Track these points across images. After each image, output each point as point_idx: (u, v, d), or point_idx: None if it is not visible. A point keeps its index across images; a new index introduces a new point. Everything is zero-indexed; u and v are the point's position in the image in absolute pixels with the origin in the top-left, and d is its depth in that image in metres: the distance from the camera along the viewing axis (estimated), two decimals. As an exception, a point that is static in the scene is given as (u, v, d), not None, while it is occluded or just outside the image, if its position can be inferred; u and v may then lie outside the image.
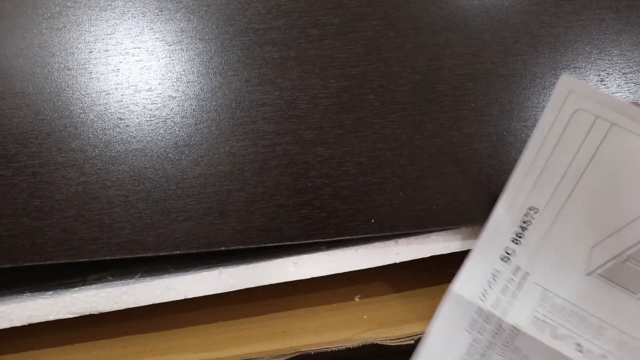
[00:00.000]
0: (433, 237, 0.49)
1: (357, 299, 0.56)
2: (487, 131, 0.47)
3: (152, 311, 0.50)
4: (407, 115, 0.46)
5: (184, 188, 0.44)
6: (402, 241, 0.49)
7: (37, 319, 0.46)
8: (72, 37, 0.43)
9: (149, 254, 0.43)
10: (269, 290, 0.50)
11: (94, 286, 0.49)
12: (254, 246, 0.44)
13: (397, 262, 0.48)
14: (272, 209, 0.44)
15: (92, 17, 0.43)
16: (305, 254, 0.49)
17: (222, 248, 0.44)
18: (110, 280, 0.51)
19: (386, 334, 0.50)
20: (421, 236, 0.49)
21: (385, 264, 0.49)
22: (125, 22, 0.43)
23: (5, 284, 0.54)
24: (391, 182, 0.46)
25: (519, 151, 0.47)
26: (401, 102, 0.46)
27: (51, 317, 0.46)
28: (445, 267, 0.57)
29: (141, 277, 0.50)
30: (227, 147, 0.44)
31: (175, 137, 0.44)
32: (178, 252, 0.43)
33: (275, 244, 0.44)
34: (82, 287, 0.48)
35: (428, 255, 0.49)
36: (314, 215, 0.45)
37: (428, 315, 0.50)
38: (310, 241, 0.45)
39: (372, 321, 0.53)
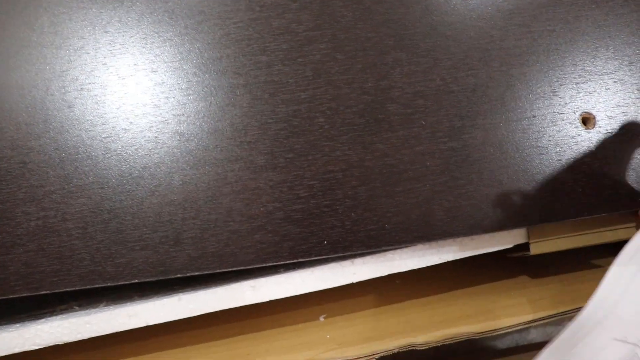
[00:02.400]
0: (389, 255, 0.59)
1: (322, 319, 0.66)
2: (438, 148, 0.58)
3: (117, 339, 0.60)
4: (357, 136, 0.56)
5: (140, 218, 0.55)
6: (359, 261, 0.58)
7: (3, 352, 0.56)
8: (29, 76, 0.55)
9: (108, 284, 0.54)
10: (233, 312, 0.60)
11: (58, 317, 0.59)
12: (210, 272, 0.55)
13: (355, 281, 0.60)
14: (226, 234, 0.55)
15: (48, 56, 0.55)
16: (263, 277, 0.58)
17: (179, 275, 0.55)
18: (76, 310, 0.62)
19: (348, 353, 0.59)
20: (377, 255, 0.59)
21: (342, 284, 0.59)
22: (80, 59, 0.55)
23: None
24: (342, 204, 0.56)
25: (471, 165, 0.58)
26: (351, 124, 0.56)
27: (17, 350, 0.56)
28: (410, 283, 0.68)
29: (106, 305, 0.60)
30: (181, 176, 0.55)
31: (131, 169, 0.54)
32: (136, 280, 0.54)
33: (230, 269, 0.56)
34: (48, 319, 0.59)
35: (385, 274, 0.59)
36: (267, 240, 0.55)
37: (393, 333, 0.60)
38: (264, 265, 0.56)
39: (335, 340, 0.62)
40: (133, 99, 0.54)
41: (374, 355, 0.58)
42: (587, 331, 0.54)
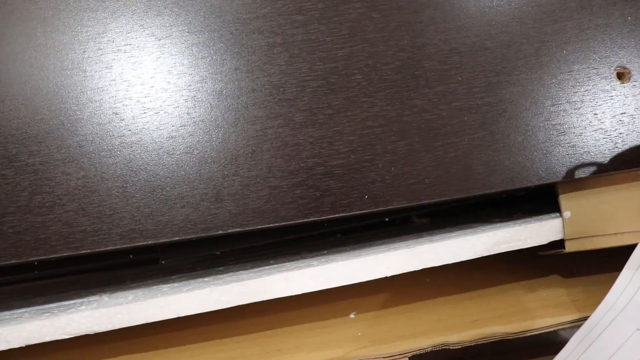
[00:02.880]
0: (426, 247, 0.61)
1: (352, 316, 0.67)
2: (475, 103, 0.60)
3: (147, 331, 0.61)
4: (394, 92, 0.58)
5: (180, 176, 0.56)
6: (392, 254, 0.60)
7: (34, 340, 0.57)
8: (66, 39, 0.57)
9: (149, 242, 0.56)
10: (262, 307, 0.61)
11: (89, 307, 0.61)
12: (252, 228, 0.57)
13: (388, 275, 0.61)
14: (267, 190, 0.56)
15: (84, 18, 0.57)
16: (296, 270, 0.60)
17: (220, 232, 0.57)
18: (106, 301, 0.63)
19: (381, 351, 0.60)
20: (412, 248, 0.61)
21: (374, 278, 0.60)
22: (116, 21, 0.58)
23: (5, 306, 0.67)
24: (382, 159, 0.58)
25: (508, 120, 0.60)
26: (388, 80, 0.58)
27: (47, 339, 0.57)
28: (439, 280, 0.69)
29: (135, 297, 0.62)
30: (220, 134, 0.57)
31: (169, 127, 0.57)
32: (177, 238, 0.56)
33: (272, 225, 0.58)
34: (79, 308, 0.60)
35: (420, 268, 0.61)
36: (308, 195, 0.57)
37: (425, 331, 0.62)
38: (306, 220, 0.58)
39: (367, 338, 0.63)
40: (170, 59, 0.57)
41: (407, 354, 0.59)
42: (608, 322, 0.56)
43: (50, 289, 0.73)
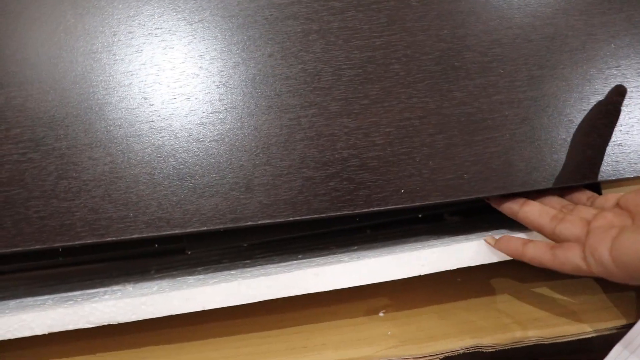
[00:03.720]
0: (462, 246, 0.59)
1: (381, 314, 0.65)
2: (517, 97, 0.58)
3: (171, 322, 0.60)
4: (433, 83, 0.57)
5: (209, 164, 0.55)
6: (427, 252, 0.58)
7: (57, 328, 0.56)
8: (96, 22, 0.56)
9: (176, 231, 0.55)
10: (289, 303, 0.60)
11: (113, 296, 0.60)
12: (283, 220, 0.55)
13: (422, 274, 0.58)
14: (299, 182, 0.55)
15: (116, 0, 0.56)
16: (327, 265, 0.58)
17: (250, 223, 0.55)
18: (130, 291, 0.62)
19: (411, 352, 0.59)
20: (447, 246, 0.58)
21: (409, 276, 0.58)
22: (148, 4, 0.56)
23: (29, 292, 0.66)
24: (420, 152, 0.56)
25: (551, 115, 0.58)
26: (427, 71, 0.57)
27: (70, 327, 0.56)
28: (471, 281, 0.67)
29: (160, 288, 0.61)
30: (252, 122, 0.56)
31: (200, 114, 0.55)
32: (205, 228, 0.55)
33: (304, 218, 0.56)
34: (102, 297, 0.59)
35: (455, 267, 0.59)
36: (342, 187, 0.55)
37: (457, 332, 0.60)
38: (339, 213, 0.56)
39: (396, 338, 0.61)
40: (202, 44, 0.55)
41: (439, 355, 0.58)
42: None
43: (74, 276, 0.72)
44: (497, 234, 0.59)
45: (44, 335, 0.56)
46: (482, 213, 0.75)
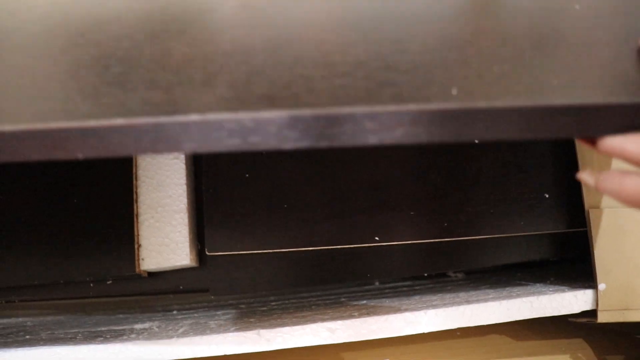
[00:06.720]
0: (462, 309, 0.63)
1: None
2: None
3: None
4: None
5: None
6: (432, 313, 0.62)
7: None
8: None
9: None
10: (295, 352, 0.64)
11: (140, 336, 0.63)
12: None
13: (425, 332, 0.63)
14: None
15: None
16: (339, 320, 0.62)
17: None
18: (156, 332, 0.66)
19: None
20: (449, 308, 0.62)
21: (411, 334, 0.63)
22: None
23: (57, 323, 0.70)
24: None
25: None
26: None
27: None
28: (471, 335, 0.71)
29: (184, 332, 0.64)
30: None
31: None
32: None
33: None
34: (130, 336, 0.63)
35: (455, 327, 0.63)
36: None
37: None
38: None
39: None
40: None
41: None
42: None
43: (97, 308, 0.77)
44: (497, 299, 0.64)
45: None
46: (482, 272, 0.80)
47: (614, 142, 0.39)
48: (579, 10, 0.49)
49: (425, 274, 0.76)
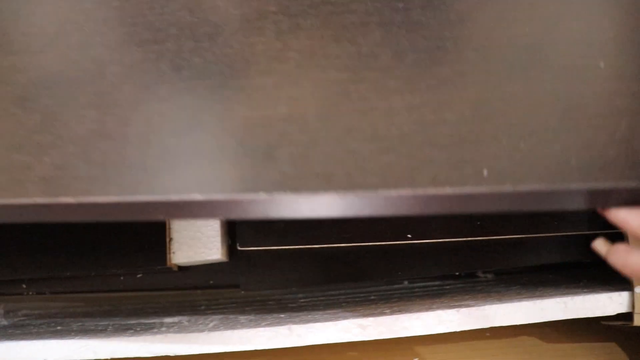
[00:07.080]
0: (494, 307, 0.63)
1: None
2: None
3: (220, 355, 0.64)
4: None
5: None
6: (464, 311, 0.62)
7: (119, 355, 0.61)
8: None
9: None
10: (323, 349, 0.64)
11: (170, 329, 0.64)
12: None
13: (457, 330, 0.62)
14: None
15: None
16: (371, 316, 0.62)
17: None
18: (186, 325, 0.67)
19: None
20: (481, 308, 0.62)
21: (443, 332, 0.62)
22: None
23: (87, 314, 0.70)
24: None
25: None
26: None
27: (131, 355, 0.61)
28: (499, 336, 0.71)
29: (215, 326, 0.64)
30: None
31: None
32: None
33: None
34: (160, 329, 0.63)
35: (487, 327, 0.63)
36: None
37: None
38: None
39: None
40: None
41: None
42: None
43: (127, 301, 0.77)
44: (531, 299, 0.64)
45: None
46: (512, 273, 0.79)
47: (618, 215, 0.45)
48: (603, 69, 0.49)
49: (456, 274, 0.75)
